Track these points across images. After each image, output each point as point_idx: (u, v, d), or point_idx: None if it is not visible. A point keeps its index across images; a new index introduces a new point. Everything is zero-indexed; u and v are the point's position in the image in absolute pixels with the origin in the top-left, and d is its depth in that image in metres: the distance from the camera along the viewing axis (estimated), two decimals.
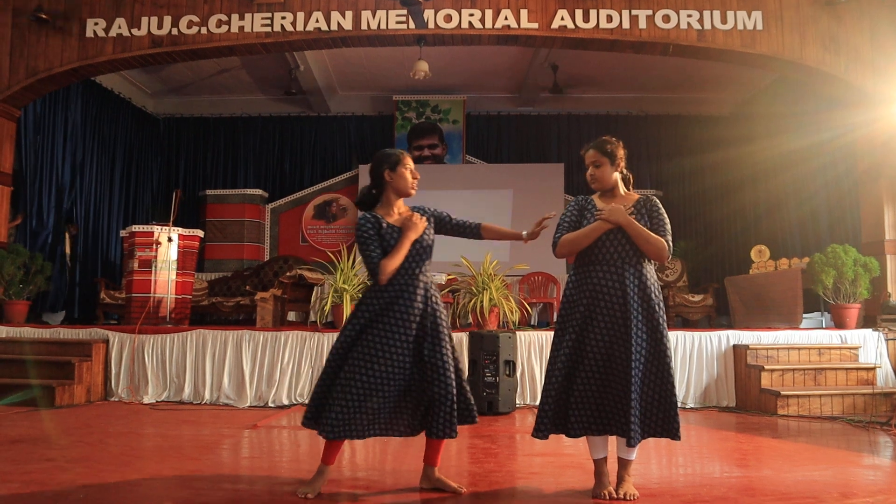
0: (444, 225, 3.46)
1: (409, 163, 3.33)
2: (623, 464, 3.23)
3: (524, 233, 3.47)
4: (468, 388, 3.32)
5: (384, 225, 3.21)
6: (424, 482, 3.33)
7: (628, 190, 3.41)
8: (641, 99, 11.94)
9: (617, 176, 3.36)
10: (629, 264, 3.19)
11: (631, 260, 3.20)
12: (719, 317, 9.83)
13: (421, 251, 3.26)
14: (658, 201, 3.30)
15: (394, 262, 3.15)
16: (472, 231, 3.48)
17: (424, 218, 3.31)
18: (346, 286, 6.83)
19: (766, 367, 6.22)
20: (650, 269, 3.24)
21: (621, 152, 3.37)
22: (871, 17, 7.28)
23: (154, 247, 7.46)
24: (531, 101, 12.00)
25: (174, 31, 7.42)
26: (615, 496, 3.15)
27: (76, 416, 5.70)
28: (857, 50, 7.25)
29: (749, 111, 11.12)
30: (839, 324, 6.96)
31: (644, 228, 3.18)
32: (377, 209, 3.33)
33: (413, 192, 3.34)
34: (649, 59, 8.91)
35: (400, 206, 3.35)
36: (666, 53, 7.51)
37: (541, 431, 3.21)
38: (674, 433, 3.11)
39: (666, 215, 3.27)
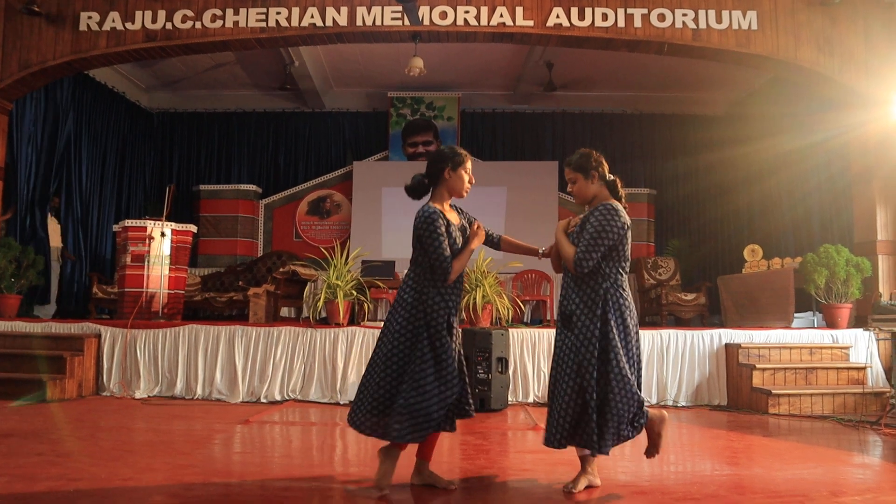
0: None
1: (470, 166, 3.36)
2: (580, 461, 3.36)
3: (541, 249, 3.50)
4: (467, 382, 3.36)
5: (449, 223, 3.25)
6: (416, 478, 3.33)
7: (617, 195, 3.34)
8: (636, 98, 11.95)
9: (595, 187, 3.34)
10: (568, 275, 3.32)
11: (568, 271, 3.30)
12: (712, 315, 9.87)
13: (471, 255, 3.37)
14: (609, 210, 3.19)
15: (462, 265, 3.24)
16: (493, 243, 3.55)
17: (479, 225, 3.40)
18: (339, 282, 6.83)
19: (757, 365, 6.25)
20: (591, 279, 3.20)
21: (593, 162, 3.33)
22: (864, 19, 7.30)
23: (147, 242, 7.44)
24: (526, 99, 12.00)
25: (168, 26, 7.38)
26: (571, 490, 3.26)
27: (68, 410, 5.68)
28: (851, 51, 7.27)
29: (743, 112, 11.15)
30: (831, 323, 6.99)
31: (562, 241, 3.29)
32: (432, 203, 3.32)
33: (465, 195, 3.38)
34: (644, 57, 8.91)
35: (448, 204, 3.37)
36: (661, 52, 7.51)
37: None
38: (582, 442, 3.15)
39: (603, 225, 3.15)
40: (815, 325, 7.56)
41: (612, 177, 3.36)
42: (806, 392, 6.02)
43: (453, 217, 3.34)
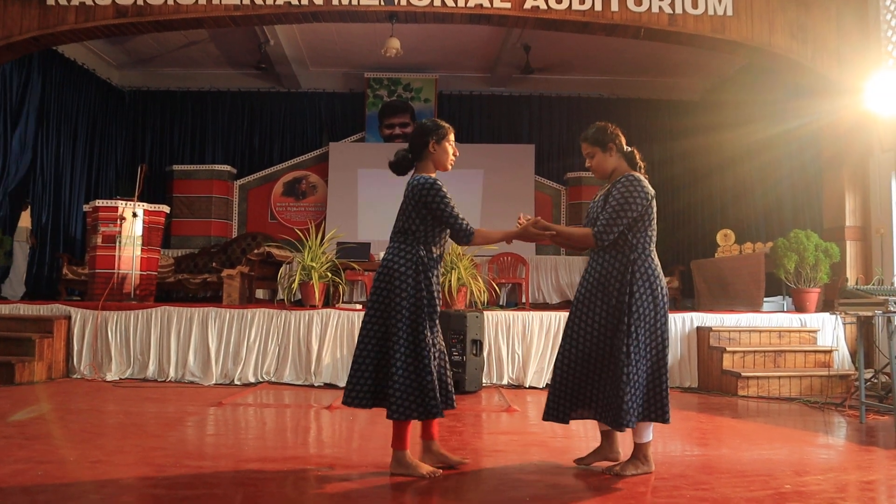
0: None
1: (453, 138, 3.36)
2: None
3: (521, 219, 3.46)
4: None
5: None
6: (427, 458, 3.32)
7: (636, 166, 3.33)
8: (612, 82, 11.98)
9: (614, 160, 3.33)
10: (595, 250, 3.32)
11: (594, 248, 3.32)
12: (684, 299, 9.98)
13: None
14: (632, 181, 3.20)
15: (485, 240, 3.28)
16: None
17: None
18: (314, 264, 6.81)
19: (727, 348, 6.34)
20: (618, 251, 3.22)
21: (610, 134, 3.32)
22: (837, 7, 7.38)
23: (118, 222, 7.33)
24: (503, 82, 11.97)
25: (140, 1, 7.21)
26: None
27: (36, 393, 5.61)
28: (823, 39, 7.35)
29: (717, 99, 11.21)
30: (799, 307, 7.11)
31: (562, 230, 3.36)
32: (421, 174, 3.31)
33: (450, 167, 3.37)
34: (621, 42, 8.93)
35: None
36: (637, 37, 7.53)
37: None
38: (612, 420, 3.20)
39: (626, 197, 3.16)
40: (785, 309, 7.69)
41: (629, 148, 3.35)
42: (774, 375, 6.13)
43: None
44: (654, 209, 3.27)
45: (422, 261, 3.20)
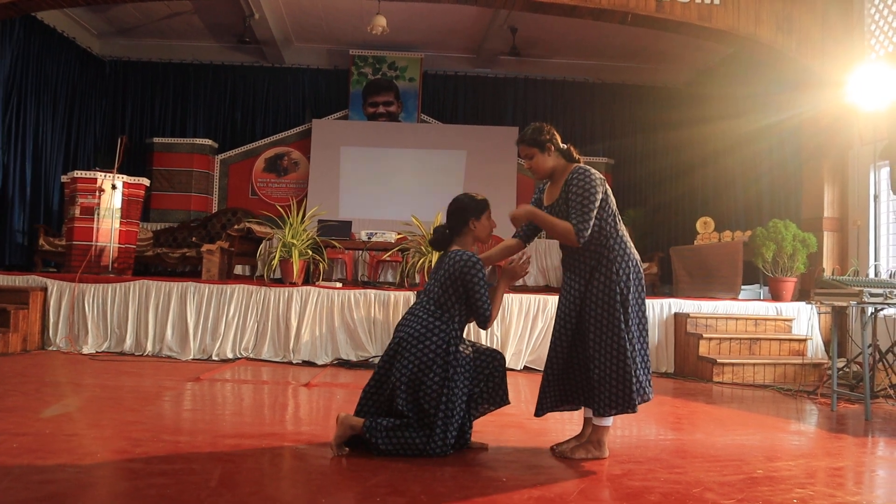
0: None
1: (490, 212, 3.40)
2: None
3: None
4: None
5: None
6: None
7: (575, 160, 3.33)
8: (598, 66, 11.96)
9: (553, 159, 3.32)
10: (567, 249, 3.35)
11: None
12: (663, 285, 10.06)
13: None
14: (583, 173, 3.17)
15: (496, 313, 3.33)
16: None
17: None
18: (294, 241, 6.78)
19: (704, 335, 6.42)
20: (595, 243, 3.20)
21: (546, 135, 3.30)
22: (823, 0, 7.42)
23: (97, 194, 7.23)
24: (489, 63, 11.91)
25: None
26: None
27: (11, 364, 5.55)
28: (808, 31, 7.39)
29: (700, 90, 11.19)
30: (776, 296, 7.21)
31: (547, 218, 3.24)
32: (460, 248, 3.34)
33: (490, 240, 3.41)
34: (607, 26, 8.90)
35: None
36: (624, 22, 7.51)
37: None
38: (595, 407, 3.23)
39: (586, 189, 3.14)
40: (761, 298, 7.78)
41: (564, 145, 3.35)
42: (749, 362, 6.22)
43: None
44: (608, 189, 3.26)
45: (453, 336, 3.23)
